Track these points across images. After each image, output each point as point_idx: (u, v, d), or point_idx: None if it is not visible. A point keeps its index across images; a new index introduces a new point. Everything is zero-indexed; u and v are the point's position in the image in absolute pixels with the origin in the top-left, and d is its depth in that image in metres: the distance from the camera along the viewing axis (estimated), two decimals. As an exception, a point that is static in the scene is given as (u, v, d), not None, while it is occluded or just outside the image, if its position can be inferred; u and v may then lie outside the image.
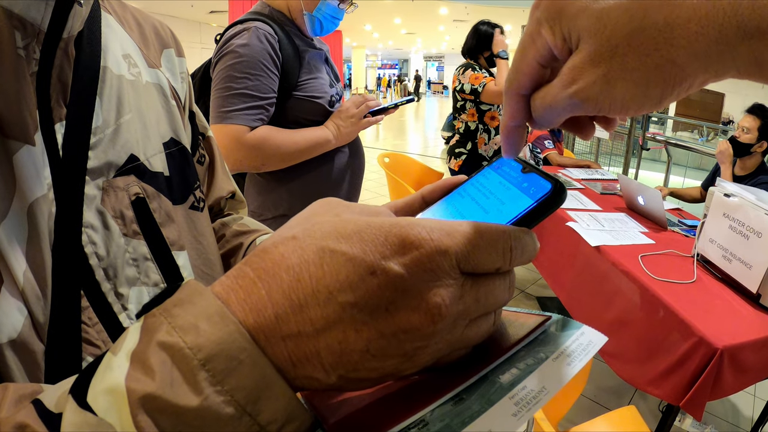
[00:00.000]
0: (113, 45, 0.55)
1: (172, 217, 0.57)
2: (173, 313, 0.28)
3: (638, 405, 2.62)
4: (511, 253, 0.31)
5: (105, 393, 0.26)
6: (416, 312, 0.28)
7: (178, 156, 0.62)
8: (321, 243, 0.29)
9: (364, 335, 0.28)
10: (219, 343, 0.26)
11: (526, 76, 0.34)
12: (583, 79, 0.30)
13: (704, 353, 1.58)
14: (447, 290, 0.28)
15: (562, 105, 0.31)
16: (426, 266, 0.28)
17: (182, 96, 0.69)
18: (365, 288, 0.28)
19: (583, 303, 2.41)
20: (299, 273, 0.28)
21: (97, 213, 0.48)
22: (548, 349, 0.34)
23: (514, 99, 0.35)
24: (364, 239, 0.29)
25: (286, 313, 0.28)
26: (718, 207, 2.01)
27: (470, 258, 0.29)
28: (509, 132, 0.37)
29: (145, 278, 0.52)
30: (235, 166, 1.50)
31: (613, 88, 0.29)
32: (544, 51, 0.32)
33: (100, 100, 0.51)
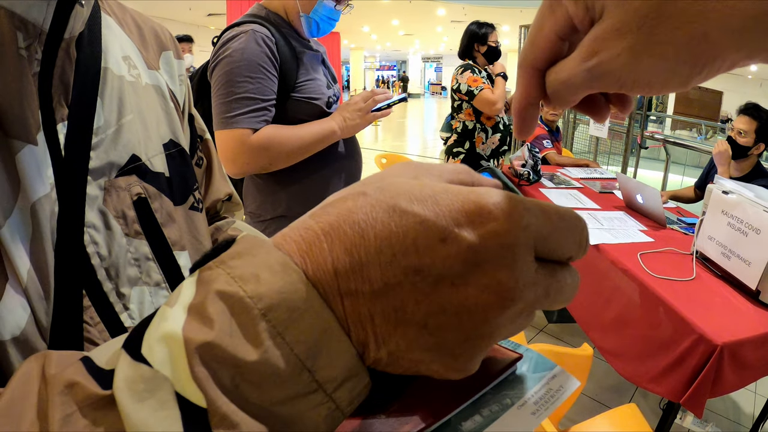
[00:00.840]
0: (113, 46, 0.55)
1: (174, 217, 0.57)
2: (231, 264, 0.27)
3: (639, 403, 2.62)
4: (587, 242, 0.30)
5: (161, 341, 0.25)
6: (486, 291, 0.26)
7: (177, 157, 0.62)
8: (392, 201, 0.27)
9: (423, 307, 0.26)
10: (281, 292, 0.25)
11: (542, 49, 0.31)
12: (605, 52, 0.27)
13: (704, 350, 1.59)
14: (523, 273, 0.26)
15: (580, 79, 0.29)
16: (504, 241, 0.26)
17: (180, 98, 0.69)
18: (433, 255, 0.26)
19: (583, 302, 2.41)
20: (365, 229, 0.27)
21: (99, 213, 0.48)
22: (515, 394, 0.33)
23: (529, 73, 0.32)
24: (439, 203, 0.27)
25: (345, 270, 0.27)
26: (716, 204, 2.01)
27: (549, 240, 0.28)
28: (522, 110, 0.34)
29: (147, 278, 0.52)
30: (243, 169, 1.50)
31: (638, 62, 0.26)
32: (564, 22, 0.30)
33: (102, 100, 0.51)
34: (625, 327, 2.03)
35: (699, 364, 1.59)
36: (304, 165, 1.59)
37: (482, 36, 3.43)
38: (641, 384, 1.82)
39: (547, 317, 3.47)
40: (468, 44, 3.48)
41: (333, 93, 1.67)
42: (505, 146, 3.49)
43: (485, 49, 3.43)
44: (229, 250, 0.28)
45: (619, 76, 0.27)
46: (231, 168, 1.50)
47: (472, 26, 3.48)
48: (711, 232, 2.05)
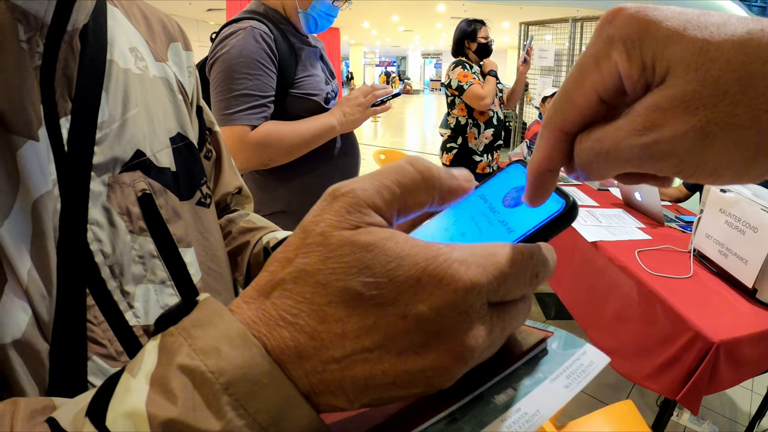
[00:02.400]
0: (120, 38, 0.54)
1: (179, 213, 0.56)
2: (193, 334, 0.27)
3: (636, 400, 2.62)
4: (537, 278, 0.29)
5: (125, 417, 0.25)
6: (447, 354, 0.26)
7: (185, 151, 0.61)
8: (347, 284, 0.26)
9: (390, 374, 0.26)
10: (242, 367, 0.25)
11: (578, 108, 0.27)
12: (668, 127, 0.22)
13: (700, 347, 1.59)
14: (479, 329, 0.27)
15: (629, 156, 0.24)
16: (459, 308, 0.26)
17: (189, 90, 0.68)
18: (394, 332, 0.26)
19: (581, 299, 2.42)
20: (324, 315, 0.26)
21: (102, 209, 0.47)
22: (547, 369, 0.33)
23: (555, 135, 0.28)
24: (396, 280, 0.26)
25: (309, 354, 0.26)
26: (714, 202, 2.02)
27: (500, 289, 0.27)
28: (540, 176, 0.30)
29: (152, 276, 0.51)
30: (243, 166, 1.50)
31: (708, 146, 0.22)
32: (611, 80, 0.25)
33: (107, 94, 0.49)
34: (622, 324, 2.03)
35: (695, 361, 1.60)
36: (303, 161, 1.60)
37: (471, 33, 3.45)
38: (637, 381, 1.82)
39: (545, 314, 3.48)
40: (459, 41, 3.51)
41: (331, 89, 1.67)
42: (499, 141, 3.49)
43: (476, 46, 3.44)
44: (191, 317, 0.28)
45: (681, 159, 0.23)
46: None
47: (462, 23, 3.51)
48: (709, 230, 2.05)
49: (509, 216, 0.33)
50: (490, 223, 0.34)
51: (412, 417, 0.30)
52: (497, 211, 0.34)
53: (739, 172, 0.22)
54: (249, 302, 0.29)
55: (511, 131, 6.29)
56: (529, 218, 0.32)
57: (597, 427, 1.68)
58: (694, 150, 0.22)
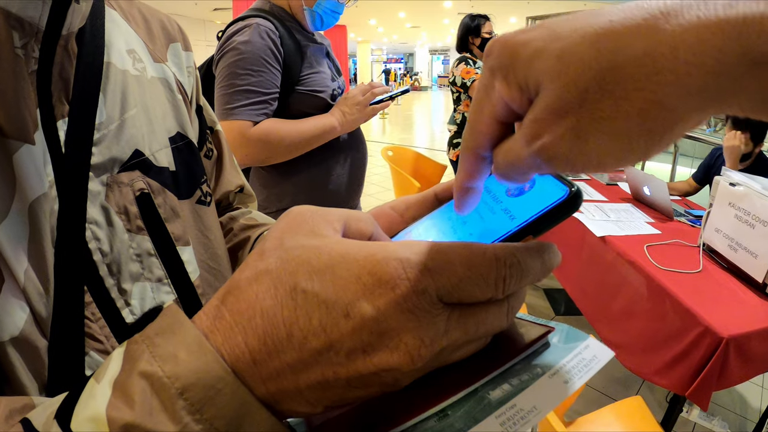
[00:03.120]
0: (117, 40, 0.55)
1: (178, 212, 0.57)
2: (155, 341, 0.28)
3: (645, 396, 2.61)
4: (504, 283, 0.28)
5: (88, 421, 0.26)
6: (395, 353, 0.26)
7: (184, 150, 0.61)
8: (293, 281, 0.28)
9: (342, 375, 0.27)
10: (196, 372, 0.26)
11: (484, 135, 0.29)
12: (547, 135, 0.24)
13: (710, 343, 1.58)
14: (427, 329, 0.27)
15: (526, 164, 0.26)
16: (402, 307, 0.26)
17: (189, 90, 0.68)
18: (339, 332, 0.27)
19: (589, 294, 2.41)
20: (273, 317, 0.27)
21: (101, 209, 0.48)
22: (546, 364, 0.32)
23: (472, 158, 0.31)
24: (337, 276, 0.27)
25: (263, 358, 0.27)
26: (723, 196, 2.00)
27: (454, 292, 0.27)
28: (464, 192, 0.33)
29: (149, 274, 0.51)
30: (243, 161, 1.51)
31: (585, 143, 0.23)
32: (501, 106, 0.28)
33: (104, 95, 0.50)
34: (631, 319, 2.03)
35: (705, 356, 1.59)
36: (309, 157, 1.60)
37: (475, 28, 3.45)
38: (646, 376, 1.81)
39: (554, 309, 3.47)
40: (463, 37, 3.52)
41: (337, 86, 1.67)
42: None
43: (480, 41, 3.45)
44: (154, 325, 0.29)
45: (567, 159, 0.24)
46: None
47: (466, 19, 3.53)
48: (718, 224, 2.04)
49: (512, 204, 0.33)
50: (493, 212, 0.34)
51: (400, 413, 0.30)
52: (500, 201, 0.34)
53: (621, 157, 0.23)
54: (208, 311, 0.30)
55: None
56: (532, 205, 0.32)
57: (606, 423, 1.67)
58: (575, 149, 0.24)
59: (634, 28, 0.22)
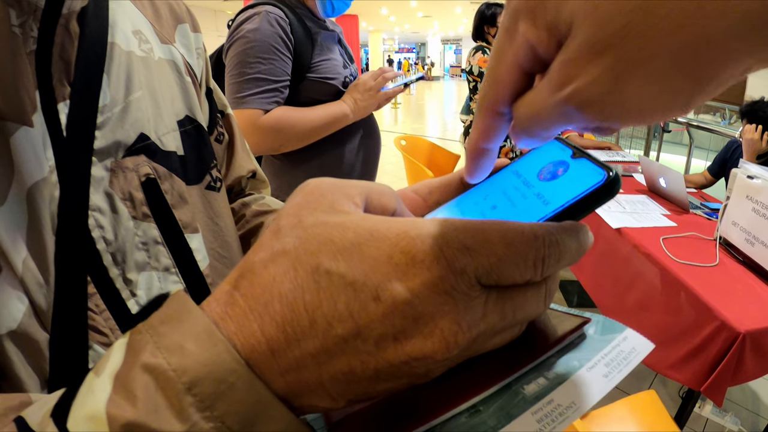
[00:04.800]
0: (122, 21, 0.53)
1: (186, 198, 0.55)
2: (160, 331, 0.25)
3: (658, 390, 2.59)
4: (543, 263, 0.26)
5: (86, 419, 0.24)
6: (429, 339, 0.24)
7: (193, 134, 0.60)
8: (315, 261, 0.25)
9: (371, 366, 0.25)
10: (206, 365, 0.24)
11: (505, 85, 0.27)
12: (581, 77, 0.22)
13: (726, 337, 1.55)
14: (465, 314, 0.24)
15: (554, 114, 0.24)
16: (439, 288, 0.24)
17: (198, 72, 0.67)
18: (368, 317, 0.24)
19: (604, 286, 2.38)
20: (293, 302, 0.25)
21: (104, 195, 0.46)
22: (583, 357, 0.30)
23: (488, 115, 0.28)
24: (365, 255, 0.25)
25: (281, 348, 0.25)
26: (741, 189, 1.97)
27: (492, 273, 0.25)
28: (477, 154, 0.30)
29: (156, 263, 0.50)
30: (255, 150, 1.50)
31: (624, 85, 0.21)
32: (526, 50, 0.25)
33: (108, 77, 0.48)
34: (646, 312, 2.00)
35: (720, 351, 1.56)
36: (321, 145, 1.59)
37: (491, 17, 3.41)
38: (661, 370, 1.79)
39: (567, 301, 3.44)
40: (479, 26, 3.48)
41: (350, 72, 1.65)
42: None
43: (495, 30, 3.41)
44: (159, 313, 0.27)
45: (602, 105, 0.22)
46: None
47: (482, 7, 3.47)
48: (735, 217, 2.00)
49: (545, 189, 0.31)
50: (524, 197, 0.32)
51: (429, 408, 0.28)
52: (532, 185, 0.32)
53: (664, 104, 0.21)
54: (219, 296, 0.27)
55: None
56: (567, 190, 0.29)
57: (619, 417, 1.66)
58: (612, 93, 0.21)
59: None
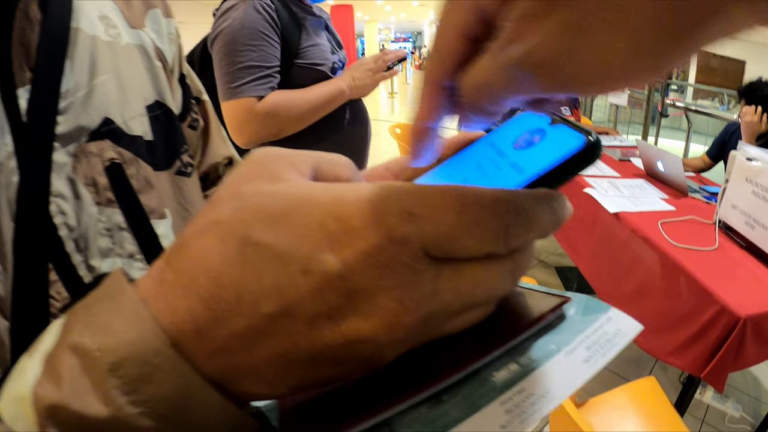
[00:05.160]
0: (87, 6, 0.52)
1: (152, 183, 0.54)
2: (92, 310, 0.23)
3: (659, 376, 2.57)
4: (507, 233, 0.22)
5: (13, 401, 0.22)
6: (369, 319, 0.21)
7: (163, 119, 0.59)
8: (244, 232, 0.22)
9: (305, 348, 0.22)
10: (129, 344, 0.22)
11: (450, 56, 0.24)
12: (534, 34, 0.19)
13: (726, 322, 1.53)
14: (409, 290, 0.21)
15: (503, 80, 0.21)
16: (376, 261, 0.21)
17: (169, 57, 0.66)
18: (297, 292, 0.21)
19: (603, 272, 2.37)
20: (219, 276, 0.22)
21: (67, 181, 0.45)
22: (562, 340, 0.27)
23: (433, 91, 0.25)
24: (296, 224, 0.22)
25: (208, 327, 0.22)
26: (740, 172, 1.94)
27: (443, 244, 0.22)
28: (421, 134, 0.27)
29: (120, 249, 0.49)
30: (252, 139, 1.49)
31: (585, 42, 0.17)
32: (473, 13, 0.22)
33: (71, 62, 0.48)
34: (646, 298, 1.98)
35: (721, 336, 1.54)
36: (311, 132, 1.57)
37: None
38: (661, 357, 1.77)
39: (566, 287, 3.42)
40: None
41: (338, 59, 1.63)
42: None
43: None
44: (95, 292, 0.24)
45: (559, 68, 0.18)
46: (239, 138, 1.48)
47: None
48: (734, 200, 1.97)
49: (520, 157, 0.28)
50: (498, 167, 0.28)
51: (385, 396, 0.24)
52: (506, 155, 0.29)
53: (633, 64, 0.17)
54: (153, 272, 0.25)
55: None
56: (544, 157, 0.26)
57: (618, 404, 1.64)
58: (571, 52, 0.18)
59: None
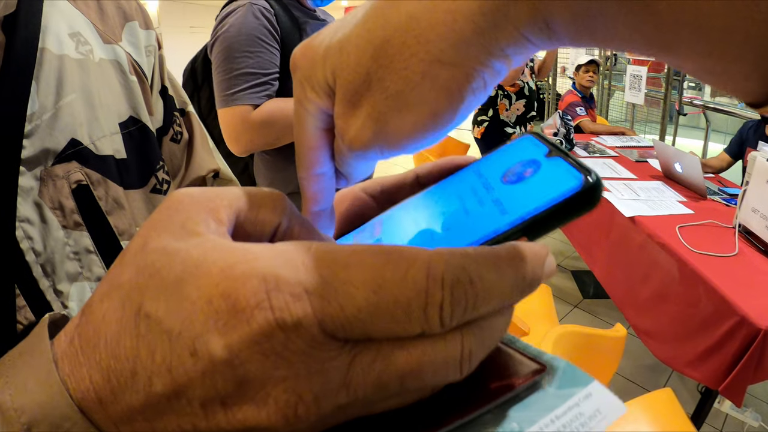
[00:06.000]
0: (56, 24, 0.52)
1: (122, 204, 0.53)
2: (16, 363, 0.23)
3: (677, 384, 2.51)
4: (441, 311, 0.19)
5: None
6: (263, 408, 0.19)
7: (137, 135, 0.58)
8: (140, 299, 0.21)
9: (203, 428, 0.20)
10: (42, 406, 0.21)
11: (314, 150, 0.28)
12: (351, 127, 0.24)
13: (746, 334, 1.48)
14: (309, 381, 0.19)
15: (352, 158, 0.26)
16: (263, 348, 0.19)
17: (147, 70, 0.64)
18: (186, 374, 0.19)
19: (618, 278, 2.32)
20: (116, 348, 0.21)
21: (33, 205, 0.45)
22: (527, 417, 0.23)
23: (312, 181, 0.28)
24: (185, 297, 0.20)
25: (108, 398, 0.20)
26: (760, 173, 1.87)
27: (354, 327, 0.19)
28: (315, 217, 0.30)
29: (88, 273, 0.48)
30: (247, 147, 1.47)
31: (386, 124, 0.23)
32: (320, 113, 0.27)
33: (37, 84, 0.47)
34: (662, 306, 1.93)
35: (740, 349, 1.49)
36: None
37: None
38: (677, 368, 1.73)
39: (583, 293, 3.37)
40: None
41: (342, 64, 1.60)
42: (532, 112, 3.40)
43: None
44: (22, 343, 0.24)
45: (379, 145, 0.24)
46: (235, 147, 1.46)
47: None
48: (755, 203, 1.91)
49: (507, 194, 0.25)
50: (481, 203, 0.25)
51: None
52: (493, 188, 0.26)
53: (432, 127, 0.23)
54: (68, 330, 0.23)
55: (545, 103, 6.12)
56: (533, 197, 0.23)
57: (633, 416, 1.59)
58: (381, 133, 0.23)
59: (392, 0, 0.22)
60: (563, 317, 3.12)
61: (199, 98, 1.64)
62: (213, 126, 1.56)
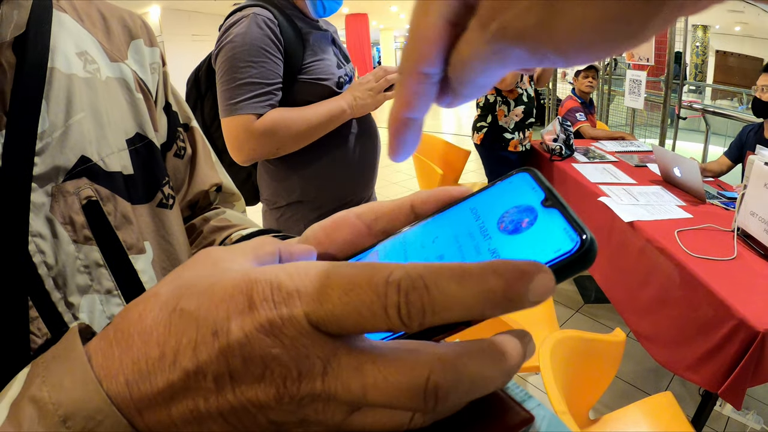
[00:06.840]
0: (64, 44, 0.53)
1: (130, 218, 0.55)
2: (50, 366, 0.26)
3: (678, 388, 2.52)
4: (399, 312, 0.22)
5: None
6: (261, 383, 0.23)
7: (143, 152, 0.60)
8: (177, 302, 0.26)
9: (213, 405, 0.24)
10: (77, 401, 0.24)
11: (430, 42, 0.23)
12: (510, 9, 0.19)
13: (745, 337, 1.49)
14: (297, 360, 0.23)
15: (486, 54, 0.21)
16: (266, 330, 0.23)
17: (152, 87, 0.66)
18: (207, 352, 0.24)
19: (619, 283, 2.33)
20: (148, 336, 0.25)
21: (45, 221, 0.46)
22: None
23: (413, 78, 0.24)
24: (214, 295, 0.25)
25: (135, 381, 0.25)
26: (759, 177, 1.89)
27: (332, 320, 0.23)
28: (401, 126, 0.26)
29: (98, 285, 0.50)
30: (250, 156, 1.48)
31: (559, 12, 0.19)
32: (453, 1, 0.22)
33: (47, 103, 0.49)
34: (661, 310, 1.94)
35: (739, 352, 1.50)
36: (315, 147, 1.56)
37: None
38: (677, 371, 1.73)
39: (584, 297, 3.38)
40: None
41: (344, 72, 1.61)
42: (531, 119, 3.41)
43: None
44: (54, 347, 0.28)
45: (538, 38, 0.19)
46: (238, 156, 1.48)
47: None
48: (753, 207, 1.92)
49: (503, 245, 0.25)
50: (477, 251, 0.26)
51: None
52: (489, 236, 0.26)
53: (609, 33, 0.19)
54: (102, 332, 0.28)
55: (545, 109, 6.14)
56: (527, 253, 0.24)
57: (633, 420, 1.60)
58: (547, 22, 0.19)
59: None
60: (564, 322, 3.12)
61: (202, 107, 1.65)
62: (216, 135, 1.57)
